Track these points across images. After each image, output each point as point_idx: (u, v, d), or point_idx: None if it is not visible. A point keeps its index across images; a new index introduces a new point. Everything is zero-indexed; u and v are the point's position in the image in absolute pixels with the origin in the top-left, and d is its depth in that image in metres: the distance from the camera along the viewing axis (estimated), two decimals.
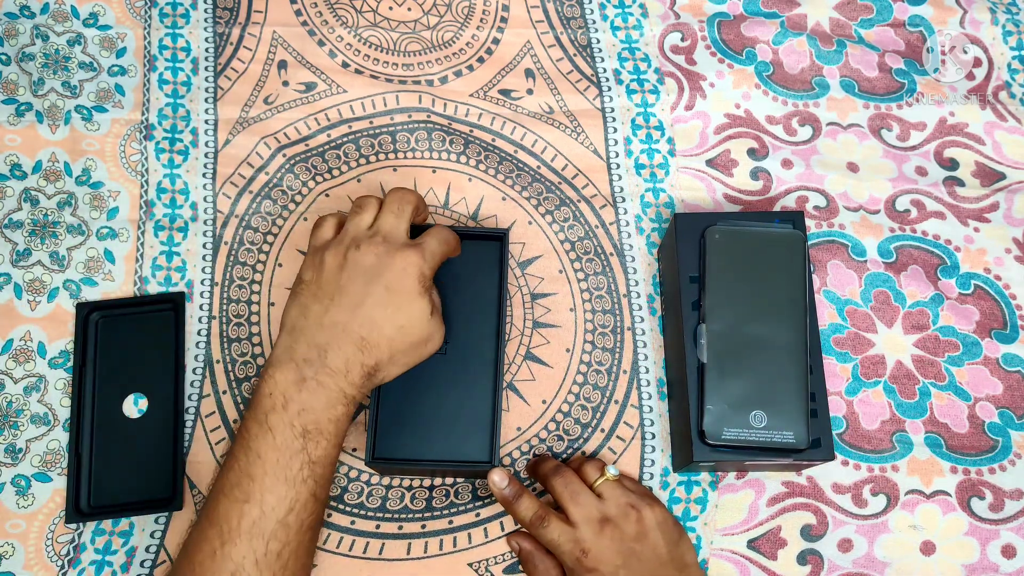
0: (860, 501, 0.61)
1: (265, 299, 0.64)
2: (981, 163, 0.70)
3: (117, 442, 0.60)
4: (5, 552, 0.58)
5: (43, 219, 0.65)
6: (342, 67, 0.72)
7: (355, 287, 0.52)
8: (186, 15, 0.72)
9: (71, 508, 0.58)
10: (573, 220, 0.68)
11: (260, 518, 0.48)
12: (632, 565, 0.52)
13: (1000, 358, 0.64)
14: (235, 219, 0.66)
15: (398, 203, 0.56)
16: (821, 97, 0.72)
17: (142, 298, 0.64)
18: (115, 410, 0.61)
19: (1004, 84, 0.73)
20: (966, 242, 0.68)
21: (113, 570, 0.58)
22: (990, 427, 0.62)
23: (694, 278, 0.59)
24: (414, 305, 0.53)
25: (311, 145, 0.69)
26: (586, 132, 0.70)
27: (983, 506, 0.61)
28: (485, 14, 0.74)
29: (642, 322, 0.65)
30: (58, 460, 0.60)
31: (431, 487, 0.60)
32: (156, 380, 0.62)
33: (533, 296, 0.65)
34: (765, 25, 0.74)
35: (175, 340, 0.62)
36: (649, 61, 0.73)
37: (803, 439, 0.54)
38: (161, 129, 0.69)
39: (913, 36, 0.75)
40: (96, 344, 0.62)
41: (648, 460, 0.61)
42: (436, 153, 0.69)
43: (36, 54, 0.70)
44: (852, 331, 0.65)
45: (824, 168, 0.69)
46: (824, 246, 0.67)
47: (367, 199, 0.57)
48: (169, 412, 0.61)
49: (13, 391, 0.61)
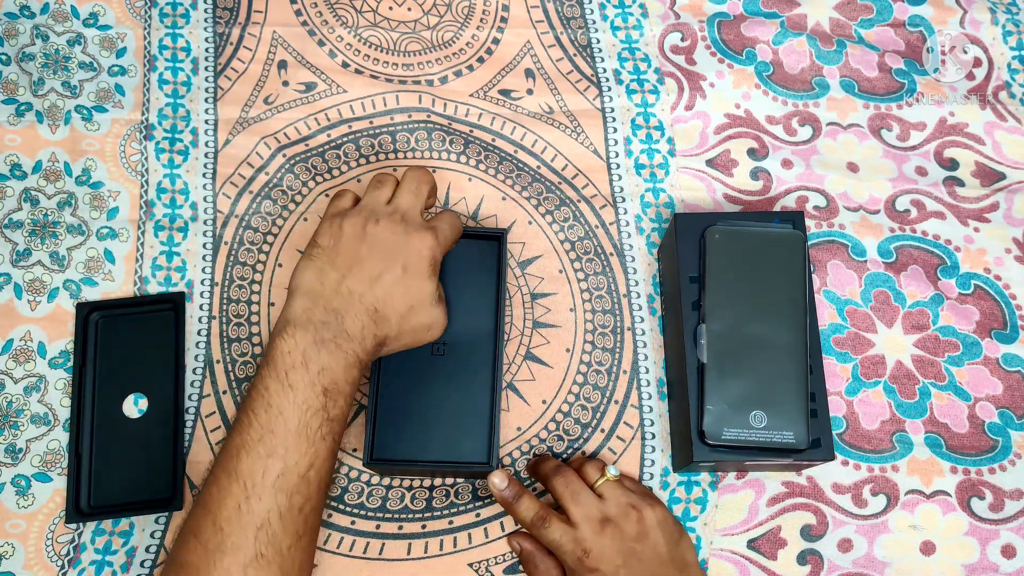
0: (860, 501, 0.61)
1: (265, 299, 0.64)
2: (981, 163, 0.70)
3: (117, 442, 0.60)
4: (5, 552, 0.58)
5: (43, 219, 0.65)
6: (342, 67, 0.72)
7: (373, 261, 0.53)
8: (186, 15, 0.72)
9: (71, 508, 0.58)
10: (573, 220, 0.68)
11: (284, 472, 0.48)
12: (633, 565, 0.52)
13: (1000, 358, 0.64)
14: (235, 219, 0.66)
15: (416, 183, 0.57)
16: (821, 97, 0.72)
17: (142, 298, 0.64)
18: (115, 410, 0.61)
19: (1004, 84, 0.73)
20: (966, 242, 0.68)
21: (113, 570, 0.58)
22: (990, 427, 0.62)
23: (694, 278, 0.59)
24: (424, 287, 0.54)
25: (311, 145, 0.69)
26: (586, 132, 0.70)
27: (983, 506, 0.61)
28: (485, 14, 0.74)
29: (642, 322, 0.65)
30: (58, 460, 0.60)
31: (431, 487, 0.60)
32: (156, 380, 0.62)
33: (533, 296, 0.65)
34: (765, 25, 0.74)
35: (175, 340, 0.62)
36: (649, 61, 0.73)
37: (803, 439, 0.54)
38: (161, 129, 0.69)
39: (913, 36, 0.75)
40: (96, 344, 0.62)
41: (648, 460, 0.61)
42: (436, 153, 0.69)
43: (36, 54, 0.70)
44: (852, 331, 0.65)
45: (824, 168, 0.69)
46: (824, 246, 0.67)
47: (386, 175, 0.58)
48: (169, 412, 0.61)
49: (13, 391, 0.61)
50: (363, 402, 0.62)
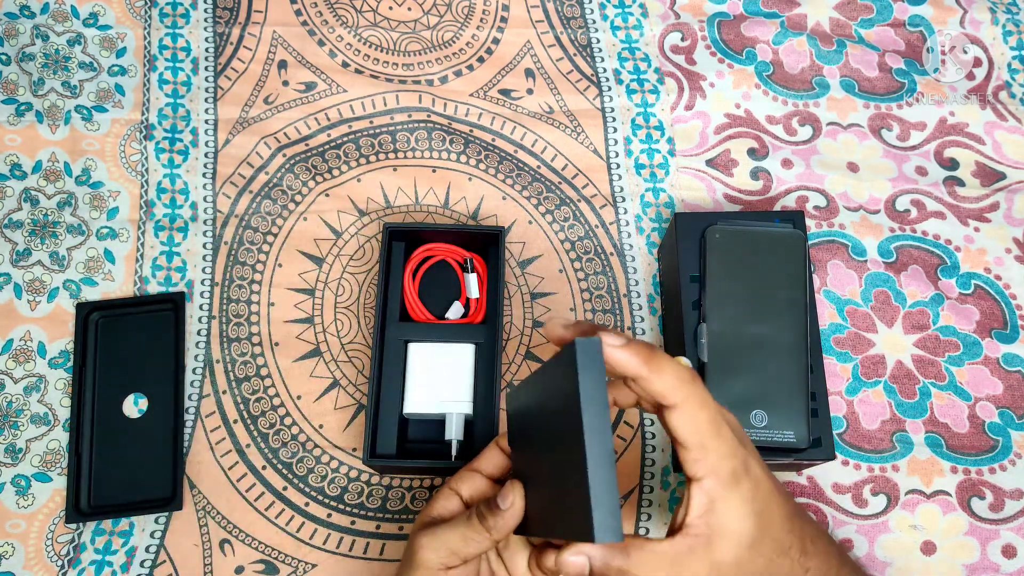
0: (860, 501, 0.61)
1: (265, 299, 0.64)
2: (981, 163, 0.70)
3: (117, 442, 0.60)
4: (5, 552, 0.57)
5: (43, 219, 0.65)
6: (342, 67, 0.72)
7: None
8: (186, 15, 0.72)
9: (71, 508, 0.58)
10: (573, 220, 0.68)
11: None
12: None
13: (1000, 358, 0.64)
14: (235, 219, 0.66)
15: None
16: (821, 97, 0.72)
17: (142, 298, 0.64)
18: (115, 410, 0.61)
19: (1004, 84, 0.73)
20: (966, 242, 0.67)
21: (113, 570, 0.58)
22: (990, 427, 0.62)
23: (694, 278, 0.59)
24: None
25: (311, 145, 0.69)
26: (586, 132, 0.70)
27: (983, 506, 0.61)
28: (485, 14, 0.74)
29: (642, 322, 0.65)
30: (58, 460, 0.60)
31: (431, 487, 0.60)
32: (156, 380, 0.62)
33: (533, 296, 0.65)
34: (765, 25, 0.74)
35: (175, 340, 0.62)
36: (649, 61, 0.73)
37: (804, 439, 0.54)
38: (161, 129, 0.69)
39: (913, 36, 0.75)
40: (96, 344, 0.62)
41: (648, 460, 0.61)
42: (436, 153, 0.69)
43: (36, 54, 0.70)
44: (852, 331, 0.65)
45: (824, 168, 0.69)
46: (824, 246, 0.67)
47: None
48: (169, 412, 0.61)
49: (13, 391, 0.61)
50: (363, 402, 0.62)
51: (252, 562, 0.58)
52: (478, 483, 0.46)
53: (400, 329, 0.60)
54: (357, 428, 0.61)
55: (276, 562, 0.58)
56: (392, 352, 0.60)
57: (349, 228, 0.66)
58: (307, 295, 0.65)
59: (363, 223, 0.67)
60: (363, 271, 0.65)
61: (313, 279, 0.65)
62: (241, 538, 0.58)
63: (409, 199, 0.68)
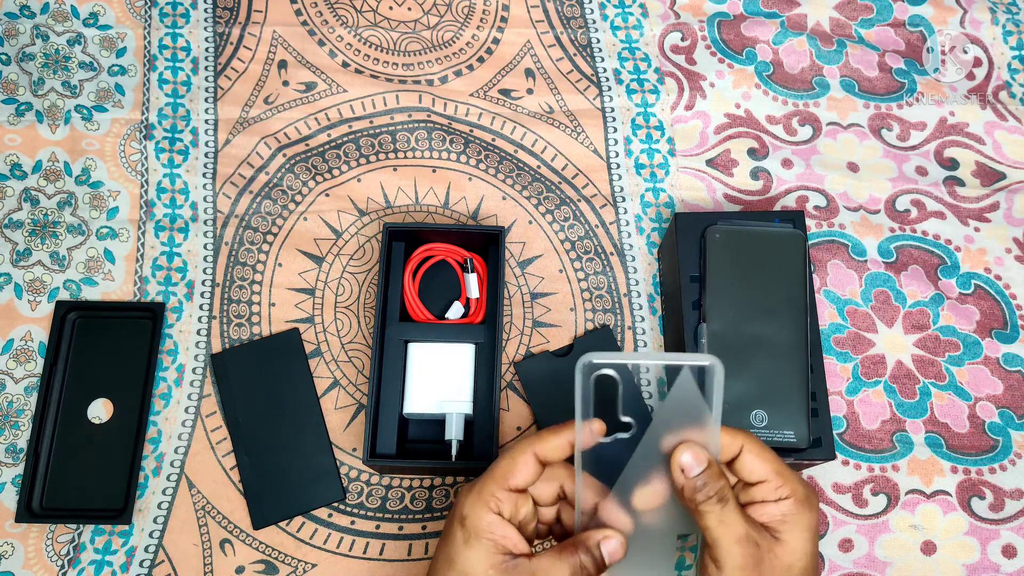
0: (860, 501, 0.61)
1: (265, 299, 0.64)
2: (981, 163, 0.70)
3: (77, 446, 0.59)
4: (5, 552, 0.57)
5: (43, 219, 0.65)
6: (342, 67, 0.72)
7: None
8: (186, 15, 0.72)
9: (22, 508, 0.57)
10: (573, 220, 0.68)
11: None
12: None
13: (1000, 358, 0.64)
14: (235, 219, 0.66)
15: None
16: (821, 97, 0.72)
17: (123, 303, 0.63)
18: (79, 413, 0.60)
19: (1004, 84, 0.73)
20: (966, 242, 0.67)
21: (113, 570, 0.58)
22: (990, 427, 0.62)
23: (694, 278, 0.59)
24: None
25: (311, 145, 0.69)
26: (586, 132, 0.70)
27: (983, 506, 0.61)
28: (485, 14, 0.74)
29: (642, 322, 0.65)
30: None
31: (431, 487, 0.60)
32: (125, 388, 0.61)
33: (533, 296, 0.65)
34: (765, 25, 0.74)
35: (149, 350, 0.61)
36: (649, 61, 0.73)
37: (804, 438, 0.54)
38: (161, 129, 0.69)
39: (913, 36, 0.75)
40: (70, 344, 0.61)
41: None
42: (436, 152, 0.69)
43: (36, 54, 0.70)
44: (852, 331, 0.65)
45: (824, 168, 0.69)
46: (824, 246, 0.67)
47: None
48: (133, 422, 0.60)
49: (14, 391, 0.61)
50: (363, 402, 0.62)
51: (252, 562, 0.58)
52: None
53: (400, 329, 0.60)
54: (357, 428, 0.61)
55: (276, 562, 0.58)
56: (392, 352, 0.60)
57: (349, 228, 0.67)
58: (307, 295, 0.65)
59: (363, 223, 0.67)
60: (363, 271, 0.65)
61: (313, 279, 0.65)
62: (241, 538, 0.58)
63: (409, 199, 0.68)
